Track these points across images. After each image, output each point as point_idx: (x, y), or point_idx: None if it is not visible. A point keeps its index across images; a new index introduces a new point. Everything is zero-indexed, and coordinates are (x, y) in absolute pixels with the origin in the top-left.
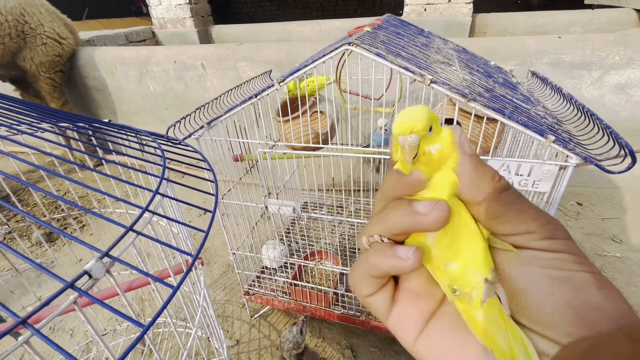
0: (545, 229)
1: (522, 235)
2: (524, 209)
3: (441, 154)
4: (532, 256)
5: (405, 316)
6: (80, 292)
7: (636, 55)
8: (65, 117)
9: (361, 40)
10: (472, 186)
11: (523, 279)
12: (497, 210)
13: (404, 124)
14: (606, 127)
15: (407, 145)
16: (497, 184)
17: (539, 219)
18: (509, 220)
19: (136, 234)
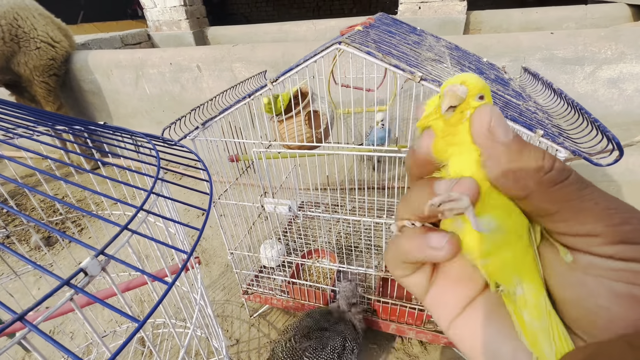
0: (617, 231)
1: (581, 238)
2: (587, 206)
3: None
4: (590, 263)
5: (440, 300)
6: (76, 289)
7: (628, 50)
8: (61, 120)
9: (352, 40)
10: (507, 181)
11: (575, 288)
12: (545, 208)
13: (457, 77)
14: (594, 121)
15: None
16: (544, 176)
17: (609, 218)
18: (563, 219)
19: (131, 233)
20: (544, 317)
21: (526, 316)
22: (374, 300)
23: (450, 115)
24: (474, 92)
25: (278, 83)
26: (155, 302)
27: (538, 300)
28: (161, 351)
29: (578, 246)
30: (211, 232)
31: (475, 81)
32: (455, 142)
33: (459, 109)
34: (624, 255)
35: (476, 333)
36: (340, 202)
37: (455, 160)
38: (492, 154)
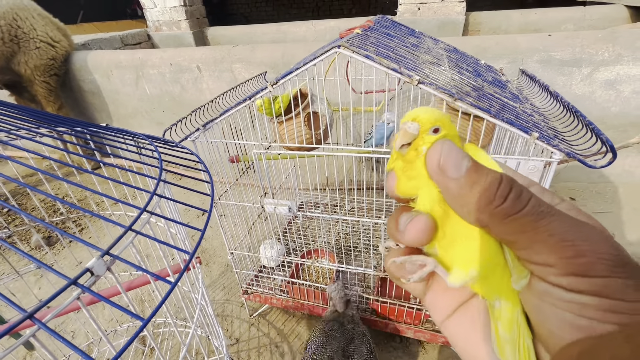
0: (570, 263)
1: (538, 266)
2: (541, 237)
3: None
4: (545, 291)
5: (435, 303)
6: (83, 288)
7: (625, 52)
8: (63, 122)
9: (350, 43)
10: (462, 213)
11: (534, 311)
12: (502, 238)
13: (412, 112)
14: (589, 124)
15: (403, 129)
16: (495, 209)
17: (563, 250)
18: (521, 247)
19: (135, 234)
20: (514, 330)
21: (500, 327)
22: (373, 299)
23: (406, 152)
24: (427, 127)
25: (278, 85)
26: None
27: (512, 314)
28: (161, 350)
29: (536, 273)
30: (211, 232)
31: (427, 116)
32: (415, 176)
33: (414, 146)
34: (574, 287)
35: (462, 333)
36: (339, 203)
37: (421, 193)
38: (444, 189)
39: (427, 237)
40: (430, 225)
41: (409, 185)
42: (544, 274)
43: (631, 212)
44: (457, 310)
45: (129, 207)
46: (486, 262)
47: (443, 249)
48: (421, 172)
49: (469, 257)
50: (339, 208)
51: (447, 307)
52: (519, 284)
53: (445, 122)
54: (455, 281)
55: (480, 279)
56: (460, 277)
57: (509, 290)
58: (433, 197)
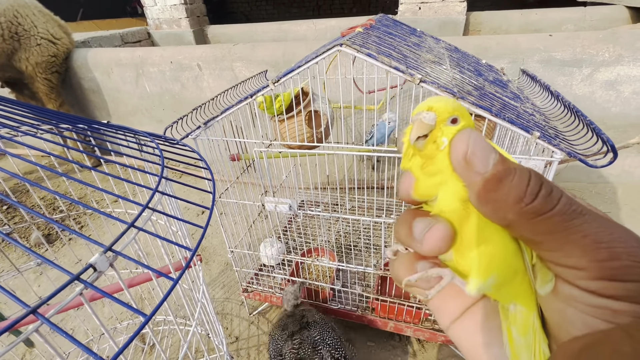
0: (604, 267)
1: (566, 269)
2: (573, 238)
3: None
4: (572, 295)
5: (442, 306)
6: (86, 284)
7: (625, 52)
8: (65, 119)
9: (352, 41)
10: (487, 211)
11: (557, 314)
12: (529, 238)
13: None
14: (590, 123)
15: (418, 120)
16: (525, 207)
17: (596, 253)
18: (549, 249)
19: (137, 230)
20: (529, 335)
21: (514, 331)
22: (373, 298)
23: (422, 146)
24: (444, 117)
25: (280, 84)
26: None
27: (527, 319)
28: (161, 348)
29: (563, 276)
30: (211, 231)
31: (443, 105)
32: (437, 172)
33: (431, 138)
34: (605, 292)
35: (470, 336)
36: (339, 202)
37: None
38: (470, 184)
39: (448, 246)
40: (450, 234)
41: (430, 184)
42: (573, 277)
43: (630, 212)
44: (464, 313)
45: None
46: (506, 267)
47: (459, 253)
48: (444, 167)
49: (488, 262)
50: (339, 207)
51: (453, 311)
52: (544, 288)
53: (464, 112)
54: (474, 290)
55: (498, 285)
56: (479, 286)
57: (525, 294)
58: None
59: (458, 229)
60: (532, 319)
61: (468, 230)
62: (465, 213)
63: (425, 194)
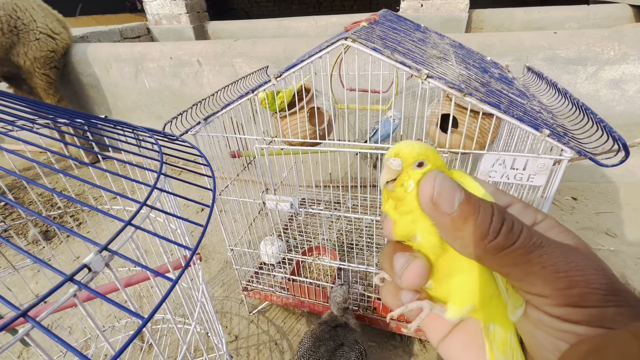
0: (564, 294)
1: (533, 296)
2: (534, 270)
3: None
4: (540, 320)
5: (431, 324)
6: (80, 285)
7: (630, 51)
8: (62, 113)
9: (358, 35)
10: (456, 247)
11: (529, 337)
12: (496, 270)
13: (393, 148)
14: (600, 121)
15: (385, 166)
16: (488, 245)
17: (557, 282)
18: (515, 279)
19: (135, 228)
20: (508, 353)
21: (495, 349)
22: (374, 298)
23: (392, 188)
24: (410, 162)
25: (282, 79)
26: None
27: (505, 338)
28: (160, 347)
29: (531, 302)
30: (211, 228)
31: (409, 150)
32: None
33: (399, 182)
34: (568, 317)
35: (458, 354)
36: (341, 200)
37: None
38: (438, 224)
39: (424, 281)
40: (427, 270)
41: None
42: (540, 304)
43: (632, 212)
44: (452, 331)
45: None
46: (481, 294)
47: (438, 282)
48: (414, 208)
49: (465, 290)
50: (341, 205)
51: (442, 329)
52: (515, 313)
53: (429, 155)
54: (453, 316)
55: (475, 310)
56: (457, 312)
57: (502, 315)
58: (430, 231)
59: (436, 261)
60: (509, 338)
61: (445, 262)
62: (442, 247)
63: (404, 234)
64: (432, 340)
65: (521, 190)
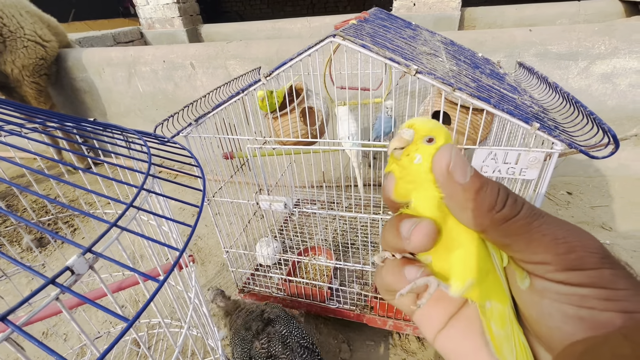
0: (565, 259)
1: (536, 265)
2: (535, 237)
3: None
4: (545, 288)
5: (426, 317)
6: (62, 287)
7: (621, 45)
8: (50, 117)
9: (346, 33)
10: (464, 218)
11: (534, 308)
12: (500, 242)
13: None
14: (590, 114)
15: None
16: (496, 215)
17: (557, 247)
18: (518, 250)
19: (120, 230)
20: (507, 326)
21: (494, 327)
22: (371, 296)
23: (398, 156)
24: (421, 135)
25: (272, 78)
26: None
27: (503, 312)
28: (157, 351)
29: (534, 272)
30: (207, 231)
31: (421, 125)
32: (411, 181)
33: (406, 152)
34: (571, 280)
35: (456, 346)
36: (336, 200)
37: (417, 199)
38: (451, 193)
39: (433, 241)
40: (435, 229)
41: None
42: (543, 271)
43: (627, 206)
44: (448, 323)
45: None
46: (479, 268)
47: (438, 256)
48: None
49: (465, 264)
50: (336, 205)
51: (438, 321)
52: (524, 283)
53: (441, 133)
54: (457, 291)
55: (475, 286)
56: (460, 287)
57: (498, 290)
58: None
59: None
60: (507, 311)
61: (446, 237)
62: (443, 221)
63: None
64: (428, 334)
65: (514, 184)
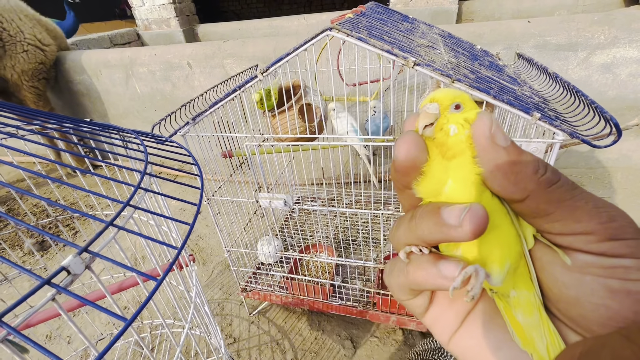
0: (608, 227)
1: (577, 236)
2: (579, 204)
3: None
4: (586, 262)
5: (440, 317)
6: (58, 288)
7: (621, 34)
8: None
9: (342, 26)
10: (510, 184)
11: (573, 287)
12: (543, 209)
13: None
14: (591, 103)
15: (423, 112)
16: (541, 178)
17: (599, 216)
18: (559, 219)
19: (117, 229)
20: (535, 314)
21: (519, 315)
22: (374, 292)
23: (431, 133)
24: (446, 104)
25: (269, 74)
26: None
27: (530, 300)
28: (160, 352)
29: (574, 245)
30: (208, 231)
31: (443, 94)
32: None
33: (438, 126)
34: (615, 251)
35: (475, 344)
36: (336, 197)
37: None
38: (495, 158)
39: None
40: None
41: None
42: (585, 242)
43: (630, 196)
44: (464, 322)
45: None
46: (515, 252)
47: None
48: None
49: (502, 246)
50: (337, 202)
51: (454, 320)
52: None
53: (466, 99)
54: (498, 278)
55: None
56: (500, 273)
57: (525, 276)
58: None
59: None
60: (534, 297)
61: None
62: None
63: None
64: (442, 336)
65: None
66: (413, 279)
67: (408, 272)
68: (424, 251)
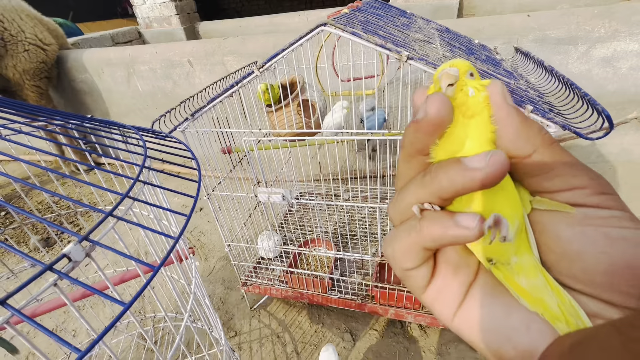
0: (597, 183)
1: (575, 191)
2: (575, 161)
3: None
4: (586, 215)
5: (444, 290)
6: (59, 273)
7: (621, 27)
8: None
9: (337, 21)
10: (521, 138)
11: (577, 240)
12: (547, 164)
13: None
14: (584, 95)
15: (445, 73)
16: (545, 135)
17: (589, 172)
18: (559, 174)
19: (116, 219)
20: (539, 276)
21: (523, 279)
22: (372, 286)
23: (452, 92)
24: (465, 70)
25: (265, 69)
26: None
27: (531, 262)
28: (163, 345)
29: (573, 200)
30: (209, 227)
31: (462, 62)
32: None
33: (459, 87)
34: (606, 204)
35: (485, 312)
36: (336, 192)
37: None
38: (508, 115)
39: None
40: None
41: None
42: (583, 196)
43: (631, 191)
44: (466, 296)
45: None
46: (520, 212)
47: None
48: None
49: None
50: (336, 197)
51: (458, 290)
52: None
53: (475, 70)
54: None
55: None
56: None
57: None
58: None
59: None
60: (534, 260)
61: None
62: None
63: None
64: (446, 314)
65: None
66: (428, 233)
67: (422, 228)
68: (435, 208)
